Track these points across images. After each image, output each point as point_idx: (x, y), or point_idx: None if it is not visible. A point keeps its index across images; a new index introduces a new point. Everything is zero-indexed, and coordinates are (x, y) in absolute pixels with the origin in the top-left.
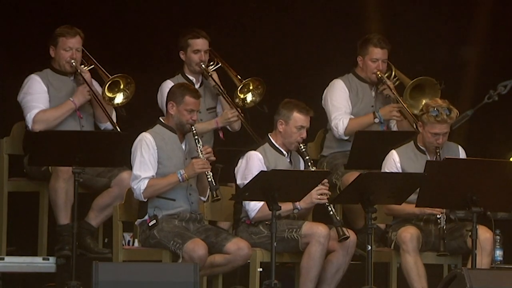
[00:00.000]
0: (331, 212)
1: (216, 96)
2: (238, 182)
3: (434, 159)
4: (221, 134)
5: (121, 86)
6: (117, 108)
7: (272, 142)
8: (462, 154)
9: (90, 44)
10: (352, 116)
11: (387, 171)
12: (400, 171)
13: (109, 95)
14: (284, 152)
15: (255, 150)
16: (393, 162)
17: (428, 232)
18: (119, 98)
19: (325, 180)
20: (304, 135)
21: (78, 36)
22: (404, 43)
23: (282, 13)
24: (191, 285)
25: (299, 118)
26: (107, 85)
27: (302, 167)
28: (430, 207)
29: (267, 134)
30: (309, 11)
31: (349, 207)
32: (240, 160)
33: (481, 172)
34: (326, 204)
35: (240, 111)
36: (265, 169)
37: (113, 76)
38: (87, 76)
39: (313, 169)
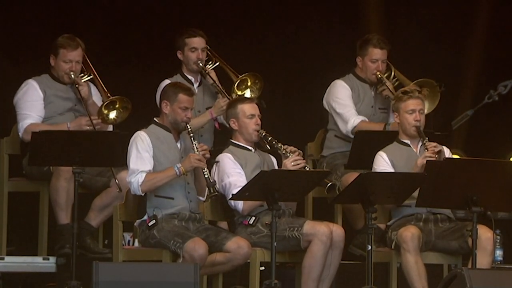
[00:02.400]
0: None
1: (215, 95)
2: (218, 186)
3: (419, 145)
4: (216, 125)
5: (117, 106)
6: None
7: (236, 143)
8: (447, 153)
9: (89, 44)
10: (365, 118)
11: (376, 168)
12: (390, 164)
13: (105, 112)
14: (250, 148)
15: (221, 153)
16: (381, 158)
17: (428, 231)
18: (111, 115)
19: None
20: (258, 121)
21: (80, 48)
22: (404, 43)
23: (282, 13)
24: (191, 285)
25: (246, 108)
26: (104, 104)
27: (274, 163)
28: (430, 207)
29: (229, 139)
30: (309, 10)
31: (349, 207)
32: (212, 170)
33: (481, 172)
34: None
35: (231, 99)
36: (237, 164)
37: (112, 97)
38: (84, 90)
39: (279, 145)
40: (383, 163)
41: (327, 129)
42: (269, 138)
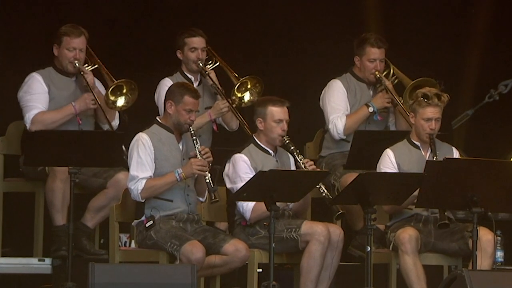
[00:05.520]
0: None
1: (214, 95)
2: (228, 186)
3: (429, 151)
4: (214, 127)
5: (124, 91)
6: (120, 112)
7: (257, 142)
8: (455, 154)
9: (89, 43)
10: (346, 112)
11: (383, 168)
12: (396, 166)
13: (112, 98)
14: (270, 151)
15: (240, 152)
16: (388, 158)
17: (428, 233)
18: (120, 102)
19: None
20: (285, 127)
21: (83, 36)
22: (404, 42)
23: (281, 12)
24: (189, 286)
25: (275, 111)
26: (110, 89)
27: (290, 164)
28: (430, 207)
29: (252, 135)
30: (307, 10)
31: (348, 208)
32: (226, 164)
33: (482, 172)
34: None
35: (230, 102)
36: (252, 170)
37: (117, 81)
38: (89, 78)
39: (300, 157)
40: (389, 164)
41: (325, 129)
42: (292, 148)
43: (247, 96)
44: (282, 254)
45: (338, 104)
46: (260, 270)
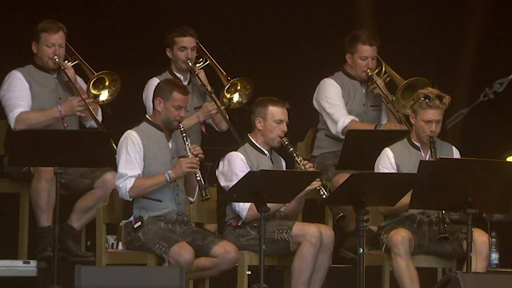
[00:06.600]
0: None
1: (203, 95)
2: (222, 184)
3: (429, 153)
4: (203, 129)
5: (106, 83)
6: (103, 106)
7: (253, 142)
8: (456, 154)
9: (76, 41)
10: (355, 118)
11: (381, 168)
12: (395, 167)
13: (94, 92)
14: (265, 152)
15: (235, 150)
16: (387, 158)
17: (421, 234)
18: (104, 95)
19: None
20: (284, 128)
21: (61, 32)
22: (397, 40)
23: (273, 12)
24: None
25: (276, 112)
26: (91, 82)
27: (283, 166)
28: (424, 208)
29: (247, 134)
30: (299, 9)
31: (340, 209)
32: (221, 162)
33: (476, 172)
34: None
35: (219, 105)
36: (248, 169)
37: (98, 73)
38: (71, 72)
39: (299, 159)
40: (387, 164)
41: (317, 128)
42: (291, 149)
43: (235, 97)
44: (273, 256)
45: (335, 100)
46: (249, 272)
